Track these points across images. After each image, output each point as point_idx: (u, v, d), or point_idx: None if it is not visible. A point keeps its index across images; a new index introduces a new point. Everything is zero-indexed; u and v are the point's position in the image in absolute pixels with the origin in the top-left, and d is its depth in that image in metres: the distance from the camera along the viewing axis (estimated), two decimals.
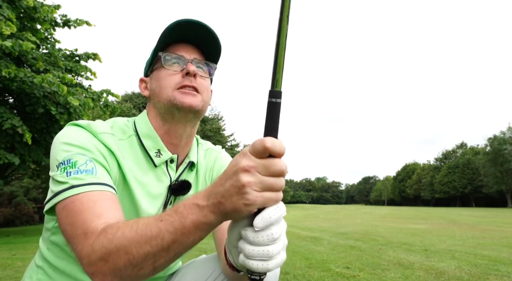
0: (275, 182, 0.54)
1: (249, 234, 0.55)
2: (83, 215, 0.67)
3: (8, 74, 6.39)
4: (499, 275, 3.35)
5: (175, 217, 0.59)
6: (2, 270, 3.72)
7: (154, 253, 0.59)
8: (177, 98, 0.86)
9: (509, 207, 51.35)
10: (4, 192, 18.32)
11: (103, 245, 0.61)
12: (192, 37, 0.91)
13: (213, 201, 0.56)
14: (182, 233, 0.58)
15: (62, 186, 0.72)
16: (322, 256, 4.51)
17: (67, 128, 0.84)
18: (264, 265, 0.55)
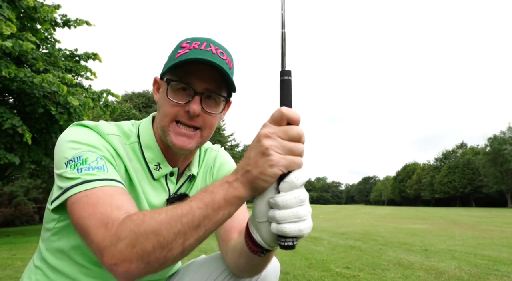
0: (294, 146, 0.59)
1: (278, 199, 0.60)
2: (101, 207, 0.65)
3: (8, 74, 6.39)
4: (499, 275, 3.35)
5: (205, 194, 0.61)
6: (2, 270, 3.72)
7: (185, 231, 0.60)
8: (170, 136, 0.84)
9: (509, 207, 51.33)
10: (4, 192, 18.30)
11: (130, 230, 0.60)
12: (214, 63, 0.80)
13: (241, 172, 0.60)
14: (212, 208, 0.60)
15: (73, 181, 0.69)
16: (322, 256, 4.51)
17: (74, 128, 0.81)
18: (297, 227, 0.59)
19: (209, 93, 0.83)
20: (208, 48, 0.82)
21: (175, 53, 0.84)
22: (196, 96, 0.81)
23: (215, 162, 1.06)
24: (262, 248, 0.68)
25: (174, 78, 0.82)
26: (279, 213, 0.59)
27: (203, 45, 0.82)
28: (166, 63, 0.87)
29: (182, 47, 0.83)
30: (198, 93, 0.82)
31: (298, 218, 0.59)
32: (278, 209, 0.60)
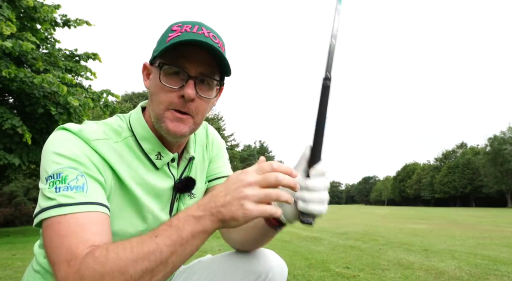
0: (270, 193, 0.63)
1: (309, 183, 0.69)
2: (68, 240, 0.64)
3: (8, 74, 6.39)
4: (499, 275, 3.35)
5: (171, 230, 0.62)
6: (2, 270, 3.72)
7: (152, 269, 0.60)
8: (166, 123, 0.81)
9: (509, 207, 51.35)
10: (4, 192, 18.31)
11: (94, 270, 0.59)
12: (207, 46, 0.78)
13: (212, 211, 0.62)
14: (180, 244, 0.62)
15: (50, 202, 0.68)
16: (322, 256, 4.51)
17: (58, 133, 0.78)
18: (319, 207, 0.69)
19: (203, 76, 0.81)
20: (200, 31, 0.80)
21: (166, 36, 0.81)
22: (190, 80, 0.79)
23: (208, 139, 1.06)
24: (280, 222, 0.78)
25: (166, 62, 0.79)
26: (308, 195, 0.69)
27: (195, 28, 0.80)
28: (156, 48, 0.84)
29: (173, 30, 0.81)
30: (192, 77, 0.79)
31: (321, 200, 0.69)
32: (308, 191, 0.69)
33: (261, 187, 0.63)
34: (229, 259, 0.99)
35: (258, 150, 59.45)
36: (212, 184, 1.05)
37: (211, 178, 1.05)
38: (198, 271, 1.01)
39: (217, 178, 1.05)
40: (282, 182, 0.64)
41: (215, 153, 1.08)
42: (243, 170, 0.66)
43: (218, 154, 1.09)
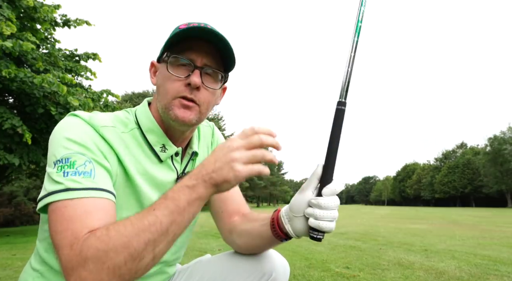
0: (256, 153, 0.67)
1: (321, 201, 0.74)
2: (73, 224, 0.65)
3: (8, 74, 6.38)
4: (499, 275, 3.34)
5: (167, 202, 0.65)
6: (2, 270, 3.72)
7: (154, 239, 0.63)
8: (174, 110, 0.84)
9: (509, 207, 51.33)
10: (4, 192, 18.30)
11: (97, 249, 0.60)
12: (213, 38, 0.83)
13: (204, 178, 0.66)
14: (178, 213, 0.64)
15: (57, 186, 0.69)
16: (322, 256, 4.51)
17: (68, 119, 0.80)
18: (330, 225, 0.73)
19: (208, 68, 0.85)
20: (207, 27, 0.84)
21: (173, 33, 0.84)
22: (196, 69, 0.83)
23: (213, 138, 1.09)
24: (287, 236, 0.82)
25: (174, 53, 0.83)
26: (320, 212, 0.73)
27: (201, 24, 0.83)
28: (164, 45, 0.88)
29: (180, 29, 0.84)
30: (198, 66, 0.83)
31: (333, 218, 0.74)
32: (320, 209, 0.73)
33: (247, 149, 0.66)
34: (232, 258, 0.99)
35: None
36: None
37: None
38: (201, 270, 1.01)
39: None
40: (266, 142, 0.68)
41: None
42: (228, 138, 0.70)
43: None
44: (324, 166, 0.76)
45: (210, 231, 8.00)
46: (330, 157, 0.75)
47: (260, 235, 0.89)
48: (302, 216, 0.77)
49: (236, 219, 0.99)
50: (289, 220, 0.80)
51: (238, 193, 1.06)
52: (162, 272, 1.00)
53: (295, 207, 0.78)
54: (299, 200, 0.78)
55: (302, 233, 0.79)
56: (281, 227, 0.82)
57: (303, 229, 0.78)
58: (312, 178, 0.78)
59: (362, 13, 0.81)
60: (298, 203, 0.78)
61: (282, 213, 0.83)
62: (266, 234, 0.87)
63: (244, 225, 0.95)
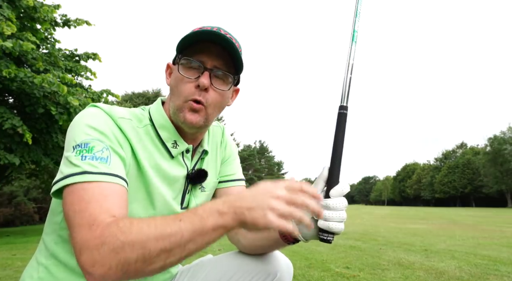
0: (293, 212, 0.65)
1: (330, 202, 0.75)
2: (91, 205, 0.67)
3: (8, 74, 6.38)
4: (499, 275, 3.35)
5: (195, 218, 0.65)
6: (2, 270, 3.72)
7: (170, 249, 0.63)
8: (184, 113, 0.87)
9: (509, 207, 51.36)
10: (4, 192, 18.30)
11: (116, 238, 0.62)
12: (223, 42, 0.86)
13: (236, 210, 0.65)
14: (200, 233, 0.64)
15: (75, 169, 0.71)
16: (322, 256, 4.51)
17: (89, 109, 0.83)
18: (340, 226, 0.75)
19: (218, 70, 0.87)
20: (215, 28, 0.87)
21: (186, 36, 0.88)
22: (205, 71, 0.85)
23: (223, 140, 1.11)
24: (295, 239, 0.84)
25: (185, 56, 0.86)
26: (329, 214, 0.74)
27: (214, 29, 0.87)
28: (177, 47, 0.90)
29: (192, 32, 0.87)
30: (207, 68, 0.86)
31: (342, 219, 0.75)
32: (328, 210, 0.75)
33: (287, 203, 0.65)
34: (237, 258, 0.99)
35: (258, 150, 59.44)
36: (225, 185, 1.08)
37: (225, 179, 1.09)
38: (205, 270, 1.01)
39: (231, 180, 1.09)
40: (309, 206, 0.67)
41: (228, 154, 1.12)
42: (273, 182, 0.69)
43: (231, 156, 1.13)
44: (330, 169, 0.78)
45: None
46: (335, 160, 0.77)
47: (266, 237, 0.90)
48: (310, 219, 0.77)
49: None
50: (297, 224, 0.80)
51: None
52: (165, 271, 1.01)
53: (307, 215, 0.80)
54: None
55: (311, 236, 0.80)
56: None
57: (311, 232, 0.79)
58: (318, 181, 0.79)
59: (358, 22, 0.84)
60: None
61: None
62: (272, 237, 0.88)
63: None
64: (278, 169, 64.20)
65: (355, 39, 0.82)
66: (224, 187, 1.08)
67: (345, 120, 0.79)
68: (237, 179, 1.10)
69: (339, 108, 0.80)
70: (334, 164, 0.77)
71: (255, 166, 54.68)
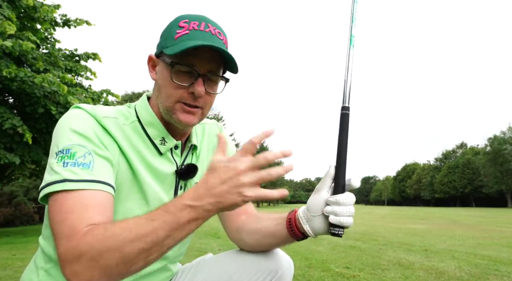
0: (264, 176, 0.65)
1: (339, 198, 0.77)
2: (71, 216, 0.67)
3: (9, 74, 6.38)
4: (499, 275, 3.35)
5: (167, 216, 0.64)
6: (2, 270, 3.72)
7: (148, 249, 0.63)
8: (176, 114, 0.86)
9: (509, 207, 51.36)
10: (4, 192, 18.30)
11: (92, 246, 0.62)
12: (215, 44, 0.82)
13: (209, 201, 0.64)
14: (176, 229, 0.64)
15: (55, 176, 0.71)
16: (322, 256, 4.51)
17: (72, 111, 0.82)
18: (349, 220, 0.78)
19: (211, 74, 0.85)
20: (207, 29, 0.84)
21: (173, 33, 0.84)
22: (199, 78, 0.83)
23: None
24: (304, 235, 0.85)
25: (176, 61, 0.82)
26: (339, 209, 0.77)
27: (202, 25, 0.84)
28: (163, 42, 0.87)
29: (181, 27, 0.84)
30: (201, 74, 0.84)
31: (351, 213, 0.78)
32: (338, 205, 0.77)
33: (254, 170, 0.65)
34: (238, 256, 0.99)
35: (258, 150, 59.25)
36: None
37: None
38: (206, 268, 1.00)
39: None
40: (273, 160, 0.66)
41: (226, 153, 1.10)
42: (229, 157, 0.67)
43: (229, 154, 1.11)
44: (336, 167, 0.80)
45: (210, 231, 8.01)
46: (341, 158, 0.80)
47: (273, 234, 0.91)
48: (320, 215, 0.80)
49: (244, 218, 1.01)
50: (307, 221, 0.83)
51: None
52: (166, 270, 1.01)
53: (313, 207, 0.81)
54: (316, 200, 0.81)
55: (321, 232, 0.82)
56: (299, 227, 0.85)
57: (322, 227, 0.81)
58: (326, 179, 0.81)
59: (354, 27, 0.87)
60: (315, 203, 0.81)
61: (300, 214, 0.85)
62: (280, 233, 0.89)
63: (255, 224, 0.97)
64: None
65: (352, 43, 0.86)
66: None
67: (348, 120, 0.82)
68: None
69: (342, 109, 0.83)
70: (340, 162, 0.80)
71: None
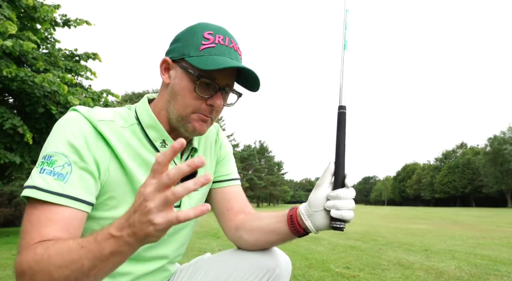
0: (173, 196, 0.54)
1: (340, 192, 0.80)
2: (33, 229, 0.69)
3: (9, 73, 6.38)
4: (499, 275, 3.35)
5: (93, 245, 0.62)
6: (2, 270, 3.72)
7: (75, 277, 0.63)
8: (192, 123, 0.88)
9: (509, 207, 51.34)
10: (4, 192, 18.28)
11: (30, 266, 0.64)
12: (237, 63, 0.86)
13: (127, 232, 0.59)
14: (100, 260, 0.62)
15: (30, 181, 0.72)
16: (322, 256, 4.51)
17: (68, 115, 0.82)
18: (350, 213, 0.80)
19: (229, 88, 0.90)
20: (230, 45, 0.87)
21: (198, 43, 0.85)
22: (219, 91, 0.86)
23: (218, 139, 1.11)
24: (305, 231, 0.87)
25: (203, 74, 0.84)
26: (340, 203, 0.79)
27: (226, 40, 0.86)
28: (185, 49, 0.86)
29: (206, 38, 0.85)
30: (220, 88, 0.87)
31: (351, 207, 0.80)
32: (339, 199, 0.79)
33: (160, 192, 0.55)
34: (236, 255, 0.99)
35: (258, 150, 59.41)
36: (221, 185, 1.08)
37: (220, 179, 1.09)
38: (204, 268, 1.00)
39: (226, 180, 1.09)
40: (176, 177, 0.54)
41: (224, 155, 1.12)
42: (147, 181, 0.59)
43: (227, 156, 1.13)
44: (335, 163, 0.83)
45: (209, 231, 8.00)
46: (340, 154, 0.83)
47: (274, 231, 0.92)
48: (322, 210, 0.82)
49: (242, 217, 1.01)
50: (309, 216, 0.84)
51: (242, 193, 1.10)
52: (164, 270, 1.00)
53: (314, 202, 0.83)
54: (317, 196, 0.83)
55: (323, 227, 0.84)
56: (300, 223, 0.87)
57: (323, 222, 0.83)
58: (326, 175, 0.84)
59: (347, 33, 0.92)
60: (316, 198, 0.83)
61: (301, 210, 0.87)
62: (281, 230, 0.91)
63: (255, 222, 0.98)
64: (278, 169, 64.17)
65: (346, 47, 0.91)
66: (220, 187, 1.08)
67: (345, 118, 0.85)
68: (232, 179, 1.10)
69: (338, 108, 0.86)
70: (339, 158, 0.83)
71: (255, 166, 54.64)
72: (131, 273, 0.90)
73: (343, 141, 0.84)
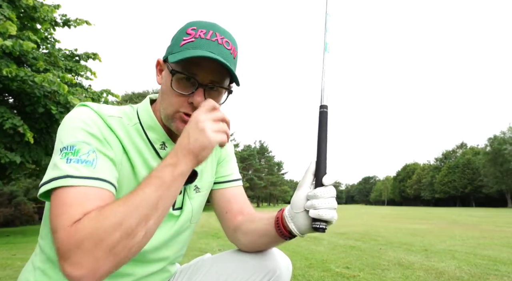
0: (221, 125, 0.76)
1: (317, 191, 0.78)
2: (71, 209, 0.66)
3: (9, 73, 6.38)
4: (499, 275, 3.34)
5: (154, 180, 0.70)
6: (2, 270, 3.72)
7: (146, 214, 0.67)
8: (176, 123, 0.85)
9: (509, 207, 51.33)
10: (4, 192, 18.31)
11: (91, 228, 0.62)
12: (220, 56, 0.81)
13: (184, 153, 0.72)
14: (165, 188, 0.69)
15: (59, 172, 0.70)
16: (322, 256, 4.51)
17: (78, 109, 0.82)
18: (330, 212, 0.76)
19: (213, 84, 0.83)
20: (214, 38, 0.81)
21: (180, 39, 0.83)
22: (199, 88, 0.82)
23: None
24: (291, 234, 0.84)
25: (178, 69, 0.81)
26: (317, 202, 0.77)
27: (209, 34, 0.81)
28: (170, 47, 0.86)
29: (188, 34, 0.82)
30: (202, 85, 0.82)
31: (331, 207, 0.77)
32: (317, 198, 0.77)
33: (213, 121, 0.75)
34: (236, 256, 0.99)
35: (258, 150, 59.43)
36: (223, 186, 1.07)
37: (222, 180, 1.08)
38: (204, 268, 1.01)
39: (228, 181, 1.08)
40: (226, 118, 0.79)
41: (225, 155, 1.11)
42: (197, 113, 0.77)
43: (227, 157, 1.12)
44: (316, 162, 0.82)
45: (210, 231, 8.01)
46: (321, 154, 0.82)
47: (265, 233, 0.91)
48: (302, 211, 0.80)
49: (240, 218, 1.01)
50: (291, 218, 0.82)
51: (242, 194, 1.09)
52: (165, 271, 1.00)
53: (296, 204, 0.81)
54: (298, 197, 0.81)
55: (305, 229, 0.81)
56: (285, 226, 0.85)
57: (305, 224, 0.80)
58: (307, 175, 0.82)
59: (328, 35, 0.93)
60: (297, 199, 0.81)
61: (285, 212, 0.85)
62: (271, 233, 0.89)
63: (249, 224, 0.97)
64: (278, 169, 64.19)
65: (327, 50, 0.92)
66: (221, 187, 1.07)
67: (326, 117, 0.85)
68: (234, 180, 1.10)
69: (320, 107, 0.86)
70: (320, 157, 0.82)
71: (255, 166, 54.66)
72: (133, 274, 0.90)
73: (325, 140, 0.82)
